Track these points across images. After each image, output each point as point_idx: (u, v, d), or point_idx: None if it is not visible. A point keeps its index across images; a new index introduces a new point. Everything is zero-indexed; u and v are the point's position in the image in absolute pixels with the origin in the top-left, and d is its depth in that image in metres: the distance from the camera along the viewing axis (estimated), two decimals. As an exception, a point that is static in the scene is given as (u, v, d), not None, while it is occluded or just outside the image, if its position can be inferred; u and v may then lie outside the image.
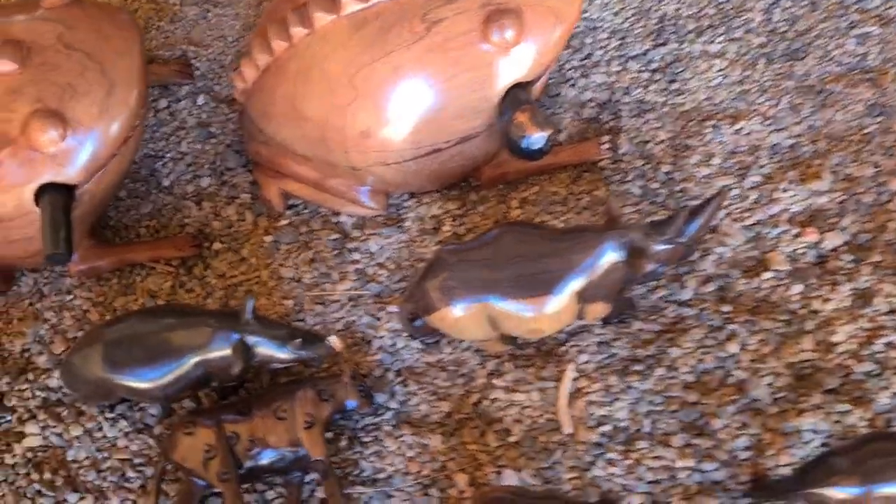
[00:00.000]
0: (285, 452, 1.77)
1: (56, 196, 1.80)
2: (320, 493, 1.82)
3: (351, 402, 1.83)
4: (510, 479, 1.77)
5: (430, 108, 1.85)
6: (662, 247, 1.72)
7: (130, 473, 1.87)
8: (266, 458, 1.77)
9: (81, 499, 1.84)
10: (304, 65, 1.88)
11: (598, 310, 1.78)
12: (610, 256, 1.71)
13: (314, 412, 1.80)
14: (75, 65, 1.80)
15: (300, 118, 1.92)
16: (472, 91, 1.85)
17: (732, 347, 1.84)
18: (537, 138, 1.80)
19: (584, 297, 1.73)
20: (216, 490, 1.81)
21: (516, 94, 1.84)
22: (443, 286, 1.74)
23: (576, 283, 1.70)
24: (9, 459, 1.91)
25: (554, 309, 1.71)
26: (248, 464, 1.76)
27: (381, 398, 1.89)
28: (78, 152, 1.80)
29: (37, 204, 1.81)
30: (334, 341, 1.76)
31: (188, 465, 1.77)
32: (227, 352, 1.76)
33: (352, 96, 1.85)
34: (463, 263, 1.74)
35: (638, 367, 1.85)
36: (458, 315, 1.75)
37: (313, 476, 1.82)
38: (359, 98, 1.85)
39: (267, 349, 1.78)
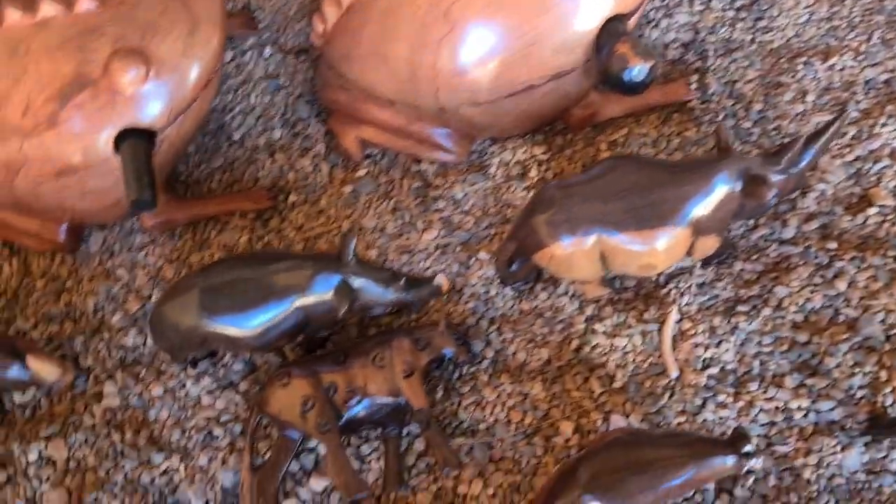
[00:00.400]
0: (385, 402, 1.70)
1: (138, 141, 1.72)
2: (418, 446, 1.76)
3: (448, 351, 1.76)
4: (618, 424, 1.70)
5: (527, 42, 1.78)
6: (779, 176, 1.66)
7: (217, 431, 1.80)
8: (365, 408, 1.70)
9: (167, 458, 1.78)
10: (392, 0, 1.81)
11: (709, 244, 1.71)
12: (726, 186, 1.64)
13: (412, 360, 1.73)
14: (156, 2, 1.72)
15: (387, 57, 1.85)
16: (570, 24, 1.77)
17: (841, 285, 1.77)
18: (640, 69, 1.73)
19: (698, 229, 1.66)
20: (309, 446, 1.77)
21: (614, 26, 1.76)
22: (551, 221, 1.67)
23: (692, 214, 1.63)
24: (88, 420, 1.84)
25: (669, 242, 1.64)
26: (347, 414, 1.69)
27: (476, 347, 1.82)
28: (160, 94, 1.72)
29: (116, 150, 1.74)
30: (442, 280, 1.68)
31: (284, 418, 1.70)
32: (329, 294, 1.68)
33: (445, 30, 1.77)
34: (571, 197, 1.67)
35: (743, 308, 1.78)
36: (568, 251, 1.68)
37: (409, 429, 1.77)
38: (453, 32, 1.77)
39: (370, 291, 1.70)
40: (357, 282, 1.70)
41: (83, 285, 2.00)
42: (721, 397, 1.71)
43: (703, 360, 1.74)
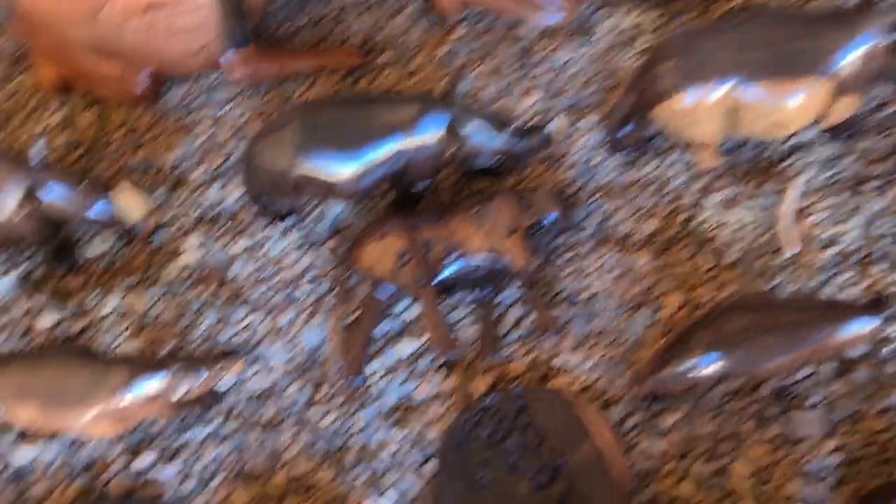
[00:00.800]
0: (484, 261, 1.60)
1: (232, -28, 1.63)
2: (513, 315, 1.67)
3: (550, 216, 1.65)
4: (729, 301, 1.61)
5: None
6: (932, 32, 1.53)
7: (301, 289, 1.72)
8: (463, 267, 1.60)
9: (248, 315, 1.70)
10: None
11: (848, 105, 1.57)
12: (873, 40, 1.51)
13: (514, 220, 1.63)
14: None
15: None
16: None
17: (979, 165, 1.66)
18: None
19: (839, 86, 1.53)
20: (396, 311, 1.69)
21: None
22: (677, 69, 1.55)
23: (835, 68, 1.51)
24: (167, 275, 1.77)
25: (807, 97, 1.52)
26: (445, 272, 1.59)
27: (578, 216, 1.72)
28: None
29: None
30: (557, 126, 1.57)
31: (378, 273, 1.61)
32: (435, 137, 1.57)
33: None
34: (700, 46, 1.55)
35: (870, 186, 1.66)
36: (692, 105, 1.56)
37: (503, 297, 1.68)
38: None
39: (478, 137, 1.59)
40: (465, 124, 1.59)
41: (163, 138, 1.92)
42: (842, 278, 1.59)
43: (824, 239, 1.63)
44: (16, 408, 1.45)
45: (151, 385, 1.42)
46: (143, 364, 1.43)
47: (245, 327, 1.69)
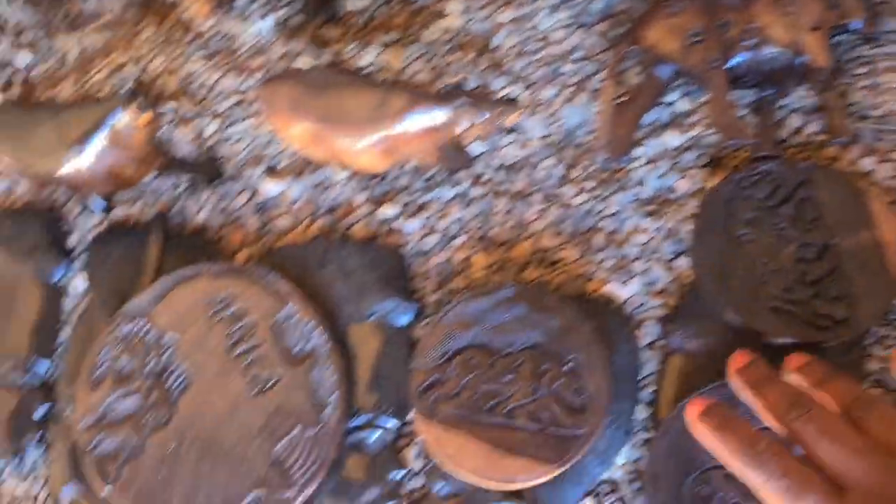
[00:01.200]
0: (783, 53, 1.48)
1: None
2: (794, 121, 1.55)
3: (856, 23, 1.51)
4: None
5: None
6: None
7: (566, 67, 1.63)
8: (755, 57, 1.48)
9: (509, 84, 1.64)
10: None
11: None
12: None
13: (820, 17, 1.50)
14: None
15: None
16: None
17: None
18: None
19: None
20: (666, 100, 1.58)
21: None
22: None
23: None
24: (428, 35, 1.72)
25: None
26: (738, 58, 1.49)
27: (884, 28, 1.57)
28: None
29: None
30: None
31: (662, 50, 1.52)
32: None
33: None
34: None
35: None
36: None
37: (787, 101, 1.55)
38: None
39: None
40: None
41: None
42: None
43: None
44: (288, 123, 1.44)
45: (433, 116, 1.39)
46: (425, 95, 1.40)
47: (503, 96, 1.64)
